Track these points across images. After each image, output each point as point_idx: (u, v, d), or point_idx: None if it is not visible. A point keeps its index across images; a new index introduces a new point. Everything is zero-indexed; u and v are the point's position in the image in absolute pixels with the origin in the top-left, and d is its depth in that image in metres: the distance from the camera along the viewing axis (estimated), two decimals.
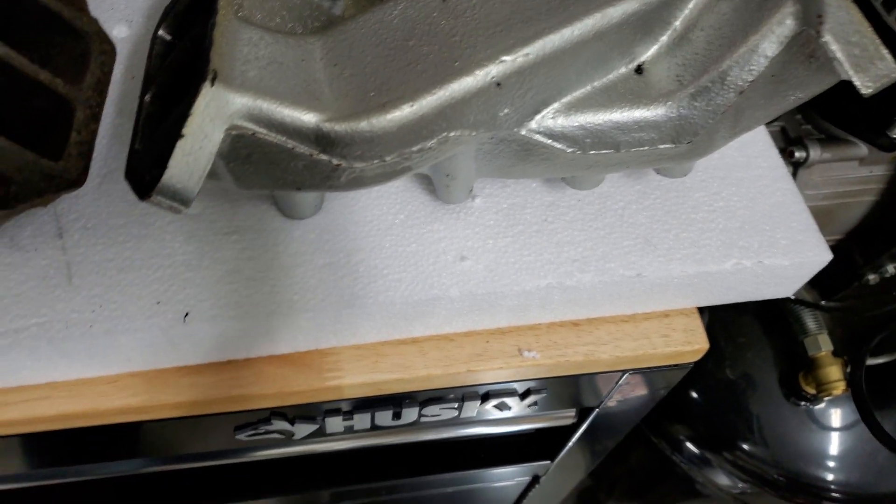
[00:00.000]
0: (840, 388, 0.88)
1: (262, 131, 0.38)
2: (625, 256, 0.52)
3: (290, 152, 0.39)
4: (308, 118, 0.39)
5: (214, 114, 0.36)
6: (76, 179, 0.42)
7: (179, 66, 0.42)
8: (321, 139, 0.39)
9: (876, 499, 1.02)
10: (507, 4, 0.43)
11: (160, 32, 0.47)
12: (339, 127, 0.39)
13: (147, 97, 0.43)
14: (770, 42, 0.42)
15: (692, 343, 0.58)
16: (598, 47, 0.44)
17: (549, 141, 0.46)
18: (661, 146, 0.47)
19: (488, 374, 0.56)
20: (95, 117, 0.45)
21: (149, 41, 0.59)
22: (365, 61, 0.41)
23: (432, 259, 0.51)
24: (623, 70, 0.47)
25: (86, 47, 0.47)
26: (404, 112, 0.40)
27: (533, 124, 0.46)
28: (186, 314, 0.47)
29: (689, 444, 1.21)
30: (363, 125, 0.39)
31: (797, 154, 0.78)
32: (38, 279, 0.47)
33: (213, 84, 0.36)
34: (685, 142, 0.47)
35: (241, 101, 0.37)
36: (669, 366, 0.60)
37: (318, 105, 0.39)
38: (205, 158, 0.37)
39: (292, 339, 0.52)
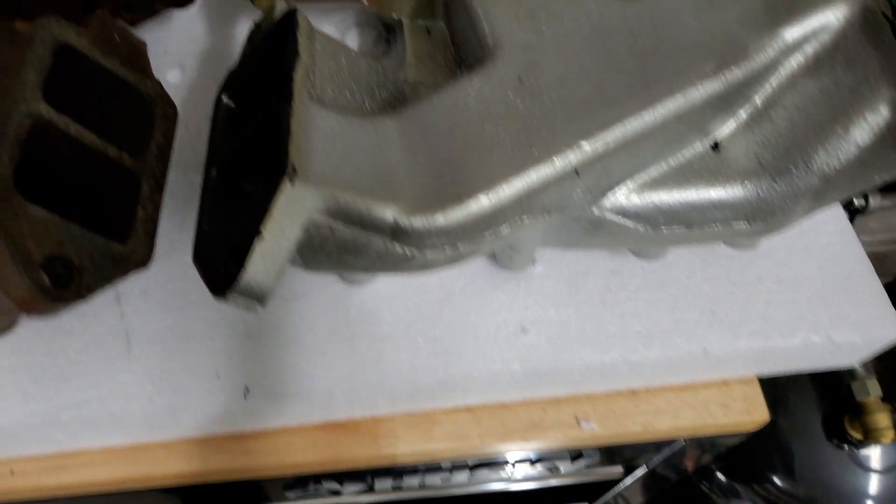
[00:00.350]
0: (889, 436, 0.86)
1: (339, 225, 0.37)
2: (690, 330, 0.51)
3: (365, 244, 0.38)
4: (386, 212, 0.37)
5: (293, 211, 0.35)
6: (143, 259, 0.41)
7: (250, 143, 0.41)
8: (397, 232, 0.38)
9: None
10: (586, 84, 0.42)
11: (224, 98, 0.46)
12: (416, 220, 0.38)
13: (213, 171, 0.43)
14: (862, 130, 0.41)
15: (752, 413, 0.56)
16: (678, 128, 0.43)
17: (621, 219, 0.45)
18: (735, 225, 0.46)
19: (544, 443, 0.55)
20: (159, 187, 0.44)
21: (201, 87, 0.58)
22: (440, 146, 0.40)
23: (493, 331, 0.49)
24: (699, 147, 0.46)
25: (149, 113, 0.46)
26: (480, 203, 0.39)
27: (605, 203, 0.44)
28: (247, 390, 0.46)
29: (718, 473, 1.20)
30: (439, 218, 0.38)
31: (857, 202, 0.76)
32: (97, 347, 0.47)
33: (292, 182, 0.35)
34: (761, 222, 0.46)
35: (320, 197, 0.36)
36: (727, 434, 0.58)
37: (395, 197, 0.38)
38: (283, 257, 0.36)
39: (349, 408, 0.51)
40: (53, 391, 0.45)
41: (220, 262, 0.37)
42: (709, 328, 0.51)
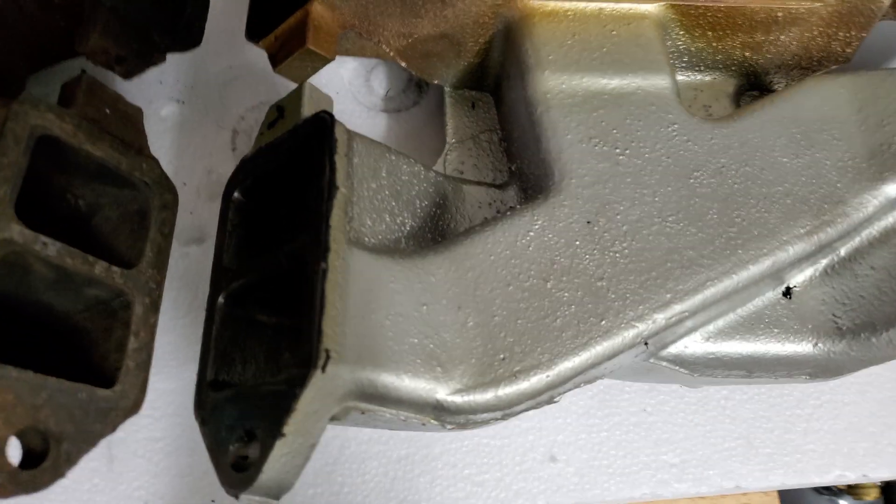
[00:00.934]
0: (873, 494, 0.87)
1: (373, 408, 0.32)
2: (725, 462, 0.47)
3: (402, 422, 0.33)
4: (429, 393, 0.32)
5: (323, 403, 0.30)
6: (134, 404, 0.35)
7: (270, 282, 0.35)
8: (439, 410, 0.33)
9: None
10: (663, 237, 0.36)
11: (236, 195, 0.39)
12: (462, 399, 0.33)
13: (222, 298, 0.36)
14: None
15: None
16: (758, 286, 0.38)
17: (677, 368, 0.40)
18: (797, 377, 0.42)
19: None
20: (154, 306, 0.37)
21: (200, 128, 0.51)
22: (493, 306, 0.34)
23: (519, 457, 0.45)
24: (770, 295, 0.41)
25: (144, 205, 0.39)
26: (538, 382, 0.33)
27: (664, 353, 0.39)
28: None
29: None
30: (489, 397, 0.33)
31: None
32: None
33: (324, 370, 0.29)
34: (824, 376, 0.41)
35: (355, 383, 0.30)
36: None
37: (440, 374, 0.32)
38: (304, 455, 0.30)
39: None
40: None
41: (231, 442, 0.31)
42: (744, 460, 0.48)
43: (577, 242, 0.36)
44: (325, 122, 0.35)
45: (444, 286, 0.35)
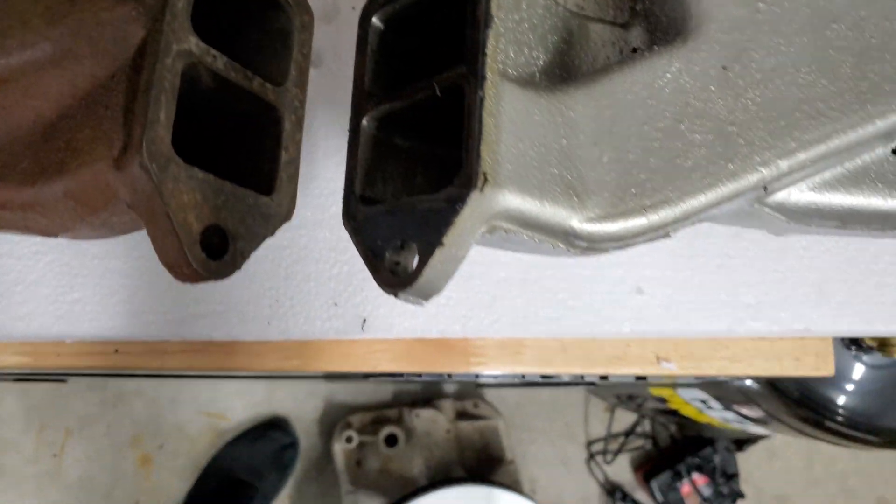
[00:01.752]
0: None
1: (515, 229, 0.35)
2: (797, 307, 0.51)
3: (535, 244, 0.36)
4: (565, 219, 0.35)
5: (478, 219, 0.33)
6: (288, 212, 0.38)
7: (419, 108, 0.37)
8: (571, 235, 0.36)
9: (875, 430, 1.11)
10: (794, 87, 0.37)
11: (375, 21, 0.40)
12: (593, 227, 0.36)
13: (367, 121, 0.38)
14: None
15: (820, 369, 0.59)
16: (877, 141, 0.39)
17: (777, 214, 0.43)
18: (888, 233, 0.44)
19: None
20: (300, 123, 0.39)
21: None
22: (629, 144, 0.36)
23: (608, 288, 0.49)
24: (879, 150, 0.42)
25: (286, 23, 0.40)
26: (664, 217, 0.36)
27: (768, 200, 0.42)
28: (364, 320, 0.46)
29: None
30: (618, 227, 0.36)
31: None
32: None
33: (482, 190, 0.32)
34: None
35: (505, 204, 0.33)
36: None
37: (576, 203, 0.35)
38: (459, 262, 0.34)
39: (449, 331, 0.51)
40: (172, 302, 0.45)
41: (386, 250, 0.35)
42: (815, 305, 0.51)
43: (712, 87, 0.37)
44: None
45: (583, 122, 0.37)
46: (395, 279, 0.34)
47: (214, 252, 0.34)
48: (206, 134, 0.39)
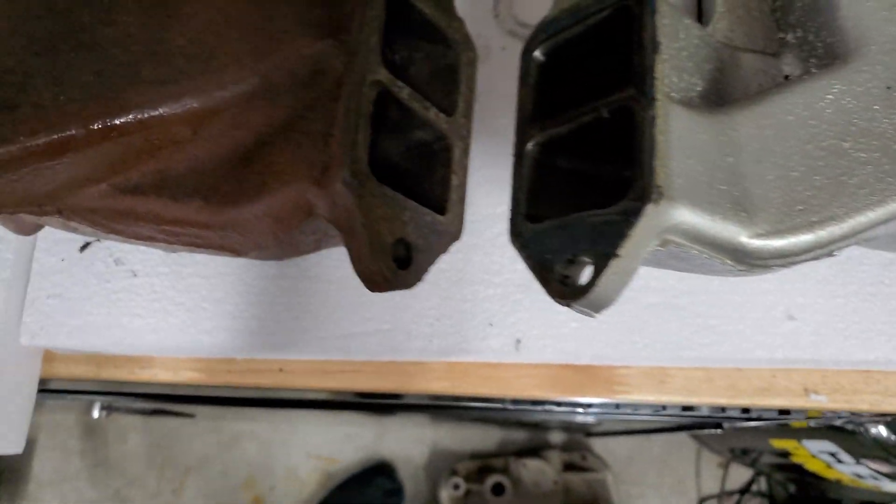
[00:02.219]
0: None
1: (686, 244, 0.36)
2: None
3: (704, 259, 0.37)
4: (734, 235, 0.36)
5: (652, 232, 0.34)
6: (458, 231, 0.41)
7: (587, 132, 0.39)
8: (739, 251, 0.37)
9: None
10: None
11: (537, 55, 0.43)
12: (760, 243, 0.37)
13: (531, 146, 0.41)
14: None
15: None
16: None
17: None
18: None
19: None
20: (467, 150, 0.43)
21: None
22: (792, 162, 0.37)
23: (759, 314, 0.49)
24: None
25: (454, 59, 0.43)
26: (832, 234, 0.37)
27: None
28: (518, 341, 0.48)
29: None
30: (785, 243, 0.37)
31: None
32: None
33: (657, 203, 0.33)
34: None
35: (678, 218, 0.35)
36: None
37: (745, 219, 0.36)
38: (631, 275, 0.35)
39: (601, 356, 0.52)
40: (344, 320, 0.48)
41: (555, 263, 0.37)
42: None
43: (876, 107, 0.38)
44: None
45: (745, 141, 0.38)
46: (567, 290, 0.36)
47: (401, 262, 0.37)
48: (388, 156, 0.42)
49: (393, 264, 0.36)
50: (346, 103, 0.36)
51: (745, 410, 0.70)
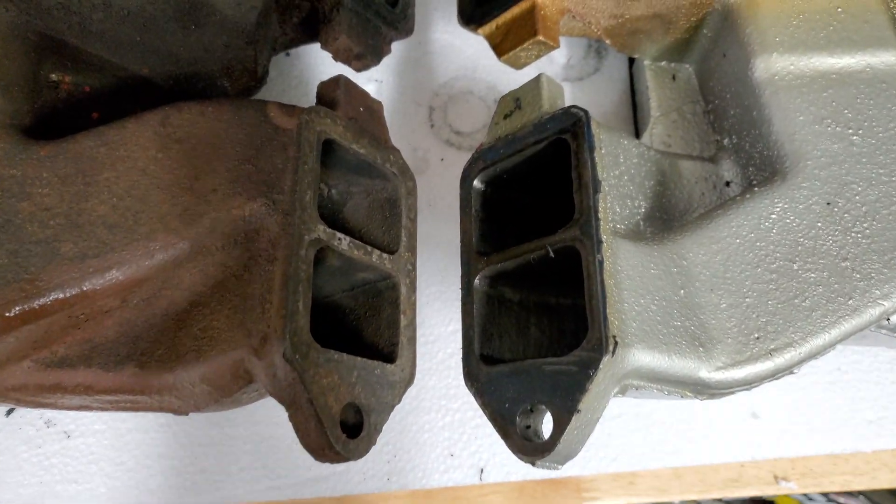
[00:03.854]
0: None
1: (646, 385, 0.35)
2: None
3: (664, 395, 0.36)
4: (693, 371, 0.35)
5: (610, 381, 0.33)
6: (410, 376, 0.39)
7: (535, 268, 0.38)
8: (700, 385, 0.36)
9: None
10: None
11: (475, 183, 0.42)
12: (720, 376, 0.36)
13: (479, 280, 0.40)
14: None
15: None
16: None
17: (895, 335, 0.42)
18: None
19: None
20: (413, 286, 0.41)
21: (401, 107, 0.54)
22: (744, 288, 0.37)
23: (724, 414, 0.48)
24: None
25: (393, 191, 0.42)
26: (790, 358, 0.36)
27: (889, 323, 0.41)
28: (482, 470, 0.46)
29: None
30: (745, 373, 0.36)
31: None
32: None
33: (613, 354, 0.32)
34: None
35: (636, 364, 0.34)
36: None
37: (702, 354, 0.35)
38: (594, 425, 0.34)
39: (569, 472, 0.51)
40: (295, 465, 0.46)
41: (515, 414, 0.35)
42: None
43: (819, 224, 0.37)
44: (580, 118, 0.37)
45: (696, 270, 0.37)
46: (530, 446, 0.34)
47: (351, 429, 0.35)
48: (331, 294, 0.40)
49: (342, 435, 0.34)
50: (284, 267, 0.34)
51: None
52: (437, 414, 0.47)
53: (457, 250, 0.41)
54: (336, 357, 0.35)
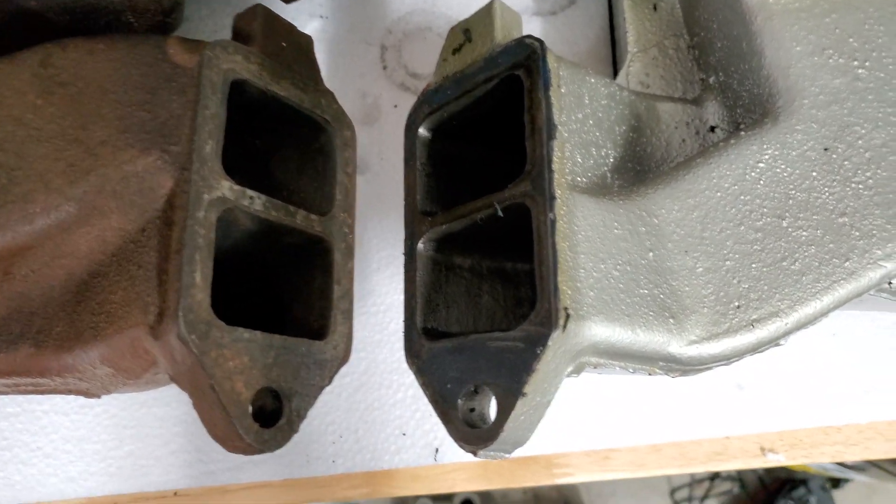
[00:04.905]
0: None
1: (605, 362, 0.30)
2: None
3: (629, 372, 0.32)
4: (662, 346, 0.30)
5: (561, 360, 0.28)
6: (344, 354, 0.34)
7: (482, 229, 0.33)
8: (670, 361, 0.31)
9: None
10: None
11: (421, 130, 0.36)
12: (694, 351, 0.31)
13: (423, 244, 0.35)
14: None
15: None
16: None
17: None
18: None
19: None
20: (350, 251, 0.36)
21: (348, 46, 0.48)
22: (724, 249, 0.32)
23: (710, 389, 0.44)
24: None
25: (326, 142, 0.37)
26: (775, 329, 0.31)
27: (891, 287, 0.36)
28: (437, 450, 0.42)
29: None
30: (723, 348, 0.31)
31: None
32: None
33: (564, 329, 0.27)
34: None
35: (592, 339, 0.29)
36: None
37: (673, 326, 0.30)
38: (543, 410, 0.29)
39: (535, 451, 0.47)
40: (218, 453, 0.41)
41: (459, 396, 0.31)
42: None
43: (814, 173, 0.32)
44: (534, 50, 0.31)
45: (669, 228, 0.32)
46: (472, 434, 0.30)
47: (268, 417, 0.30)
48: (247, 275, 0.35)
49: (254, 424, 0.29)
50: (179, 233, 0.29)
51: None
52: (388, 390, 0.42)
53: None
54: (247, 336, 0.30)
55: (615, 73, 0.49)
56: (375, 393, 0.42)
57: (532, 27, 0.50)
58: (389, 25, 0.49)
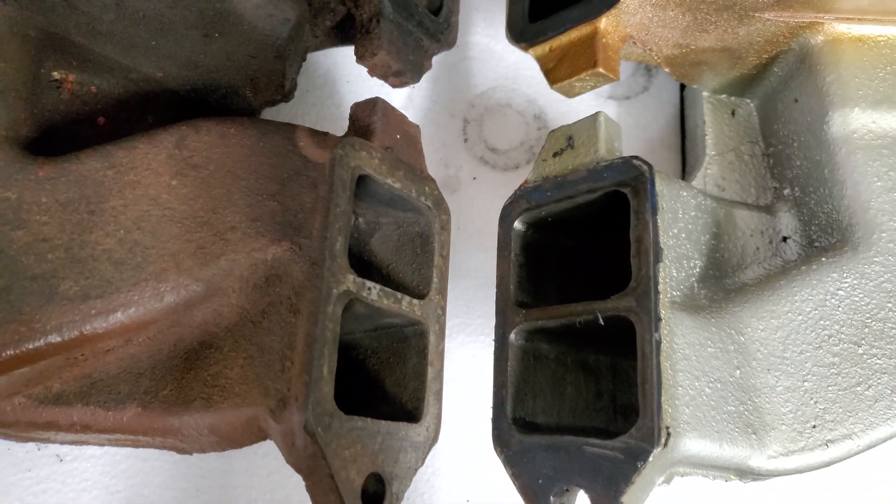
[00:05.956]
0: None
1: (691, 472, 0.32)
2: None
3: (705, 478, 0.34)
4: (744, 459, 0.33)
5: (657, 472, 0.30)
6: (436, 434, 0.36)
7: (580, 330, 0.35)
8: (748, 472, 0.33)
9: None
10: None
11: (516, 225, 0.38)
12: (771, 465, 0.33)
13: (515, 335, 0.37)
14: None
15: None
16: None
17: None
18: None
19: None
20: (442, 332, 0.38)
21: (429, 107, 0.50)
22: (803, 371, 0.34)
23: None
24: None
25: (426, 227, 0.38)
26: (847, 449, 0.33)
27: None
28: None
29: None
30: (797, 463, 0.33)
31: None
32: None
33: (665, 446, 0.30)
34: None
35: (685, 453, 0.31)
36: None
37: (755, 442, 0.33)
38: None
39: None
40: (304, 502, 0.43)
41: (550, 493, 0.33)
42: None
43: (890, 305, 0.34)
44: (642, 173, 0.33)
45: (754, 346, 0.34)
46: None
47: (370, 499, 0.32)
48: (370, 375, 0.37)
49: None
50: (310, 325, 0.31)
51: None
52: (456, 457, 0.44)
53: (485, 278, 0.37)
54: (360, 424, 0.32)
55: (683, 162, 0.51)
56: (445, 459, 0.44)
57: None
58: (472, 99, 0.51)
